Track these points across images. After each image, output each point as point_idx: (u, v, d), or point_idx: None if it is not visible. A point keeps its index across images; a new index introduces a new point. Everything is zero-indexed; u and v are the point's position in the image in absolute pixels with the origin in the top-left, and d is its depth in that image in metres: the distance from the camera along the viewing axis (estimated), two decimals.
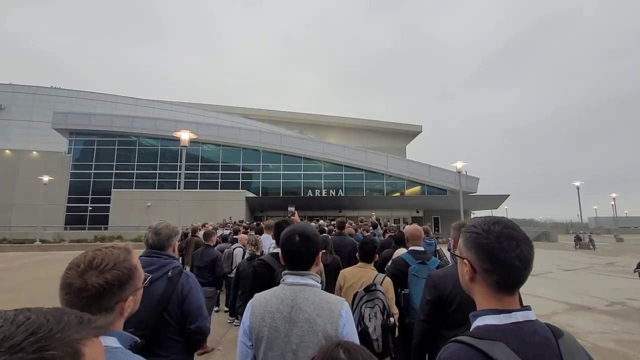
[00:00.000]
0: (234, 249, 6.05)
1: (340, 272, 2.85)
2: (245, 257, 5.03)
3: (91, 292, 0.89)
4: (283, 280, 1.34)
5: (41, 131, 32.73)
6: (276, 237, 2.43)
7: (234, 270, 5.76)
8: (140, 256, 1.82)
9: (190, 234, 8.44)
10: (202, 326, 1.83)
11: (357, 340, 1.23)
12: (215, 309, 6.69)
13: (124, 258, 1.00)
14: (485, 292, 0.85)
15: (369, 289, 2.32)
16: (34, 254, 16.62)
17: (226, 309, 6.22)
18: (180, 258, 8.64)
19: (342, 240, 5.05)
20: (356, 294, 2.29)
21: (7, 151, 28.51)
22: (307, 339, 1.19)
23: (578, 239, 21.87)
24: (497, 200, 28.63)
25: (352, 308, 2.15)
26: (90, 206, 27.79)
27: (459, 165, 16.01)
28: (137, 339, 0.97)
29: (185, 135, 9.82)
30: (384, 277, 2.58)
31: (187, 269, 4.60)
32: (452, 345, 0.78)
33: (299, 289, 1.28)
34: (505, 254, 0.81)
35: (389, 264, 2.98)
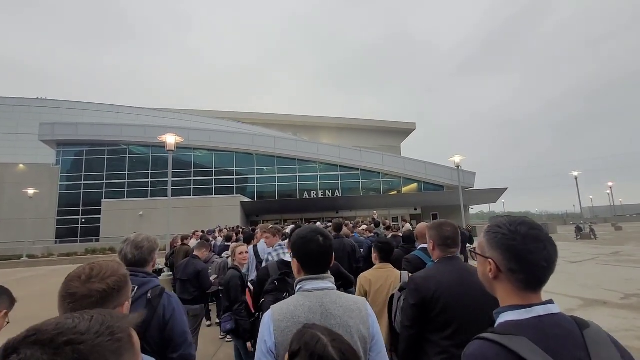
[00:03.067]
0: (228, 257, 5.57)
1: (361, 276, 2.78)
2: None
3: (95, 298, 0.99)
4: (300, 287, 1.28)
5: (28, 143, 31.98)
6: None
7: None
8: None
9: (179, 243, 7.94)
10: (187, 354, 1.64)
11: (382, 338, 1.26)
12: (207, 323, 6.21)
13: (118, 267, 1.11)
14: (510, 290, 0.87)
15: (403, 288, 2.16)
16: (20, 271, 15.94)
17: (218, 321, 5.75)
18: (169, 270, 8.17)
19: (340, 242, 4.64)
20: (392, 296, 2.12)
21: None
22: None
23: (579, 230, 21.64)
24: (495, 194, 28.42)
25: (391, 311, 2.06)
26: (82, 218, 27.05)
27: (457, 159, 15.64)
28: None
29: (171, 139, 9.32)
30: (409, 274, 2.50)
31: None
32: (476, 342, 0.80)
33: (323, 294, 1.24)
34: (532, 255, 0.84)
35: (405, 262, 2.86)
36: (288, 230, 6.44)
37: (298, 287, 1.29)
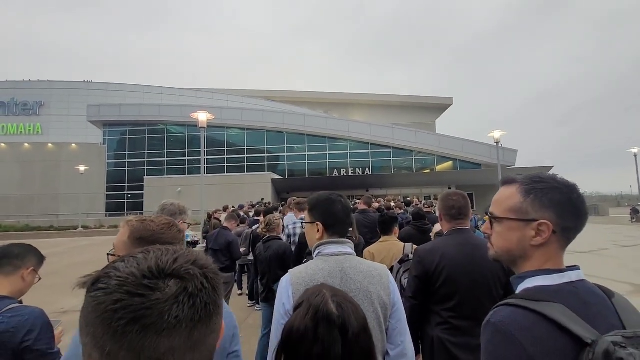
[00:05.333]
0: (252, 231, 5.71)
1: (365, 251, 2.75)
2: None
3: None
4: (319, 252, 1.25)
5: (78, 124, 34.43)
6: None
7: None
8: None
9: (213, 217, 8.31)
10: None
11: (402, 306, 1.23)
12: (239, 292, 6.51)
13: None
14: (552, 254, 0.78)
15: (404, 260, 2.27)
16: (77, 240, 17.70)
17: (247, 292, 6.00)
18: (205, 242, 8.61)
19: (367, 217, 4.59)
20: (392, 268, 2.17)
21: (50, 144, 30.35)
22: (363, 308, 1.03)
23: (635, 212, 19.83)
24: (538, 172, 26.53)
25: None
26: (128, 194, 29.15)
27: (497, 134, 14.60)
28: None
29: (202, 117, 9.54)
30: (413, 246, 2.51)
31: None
32: (504, 309, 0.71)
33: (343, 259, 1.22)
34: (584, 206, 0.77)
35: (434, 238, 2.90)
36: None
37: (316, 252, 1.27)
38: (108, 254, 1.20)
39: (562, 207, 0.76)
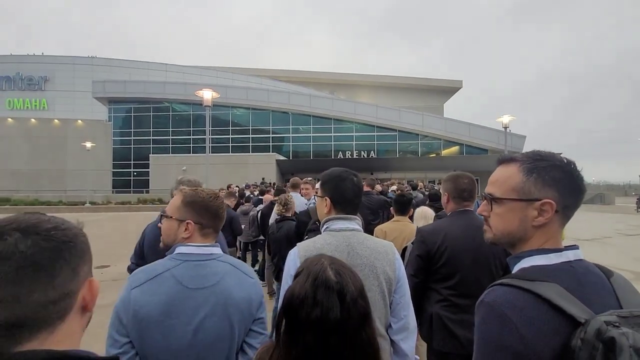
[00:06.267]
0: (259, 211, 5.75)
1: (377, 228, 2.79)
2: (274, 218, 4.72)
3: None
4: (327, 227, 1.29)
5: (83, 100, 34.35)
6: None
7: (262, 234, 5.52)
8: None
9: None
10: None
11: (407, 281, 1.30)
12: None
13: None
14: (552, 233, 0.76)
15: None
16: (84, 215, 18.04)
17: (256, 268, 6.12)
18: None
19: (371, 198, 4.62)
20: (405, 248, 2.17)
21: (56, 120, 30.40)
22: (367, 282, 1.15)
23: None
24: None
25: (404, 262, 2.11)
26: (134, 171, 29.42)
27: (506, 119, 14.34)
28: None
29: (207, 95, 9.46)
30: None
31: None
32: (498, 288, 0.71)
33: (350, 234, 1.26)
34: (583, 182, 0.76)
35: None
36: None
37: (325, 226, 1.30)
38: (161, 214, 1.35)
39: (564, 185, 0.74)
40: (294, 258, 1.23)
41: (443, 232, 1.75)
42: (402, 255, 2.07)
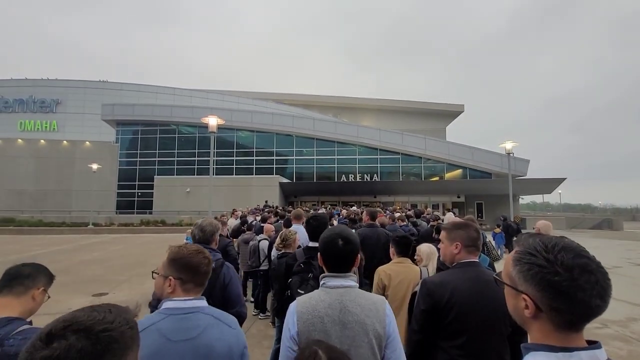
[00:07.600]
0: (259, 241, 5.71)
1: (379, 270, 2.71)
2: (276, 254, 4.66)
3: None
4: (324, 283, 1.36)
5: (93, 122, 35.13)
6: (310, 233, 2.60)
7: (263, 264, 5.46)
8: None
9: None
10: (241, 311, 2.07)
11: (398, 337, 1.30)
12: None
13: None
14: (549, 330, 0.72)
15: None
16: (87, 237, 18.00)
17: (252, 299, 6.00)
18: None
19: (373, 232, 4.50)
20: (414, 293, 2.06)
21: (65, 142, 31.02)
22: (357, 339, 1.24)
23: None
24: (550, 184, 26.01)
25: (412, 309, 2.08)
26: (139, 192, 29.60)
27: (509, 145, 14.40)
28: None
29: (212, 121, 9.66)
30: (428, 272, 2.56)
31: None
32: None
33: (344, 292, 1.32)
34: (584, 293, 0.67)
35: (437, 264, 2.76)
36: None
37: (322, 282, 1.38)
38: (153, 272, 1.42)
39: (543, 286, 0.70)
40: (293, 312, 1.30)
41: (451, 285, 1.65)
42: (412, 301, 2.04)
